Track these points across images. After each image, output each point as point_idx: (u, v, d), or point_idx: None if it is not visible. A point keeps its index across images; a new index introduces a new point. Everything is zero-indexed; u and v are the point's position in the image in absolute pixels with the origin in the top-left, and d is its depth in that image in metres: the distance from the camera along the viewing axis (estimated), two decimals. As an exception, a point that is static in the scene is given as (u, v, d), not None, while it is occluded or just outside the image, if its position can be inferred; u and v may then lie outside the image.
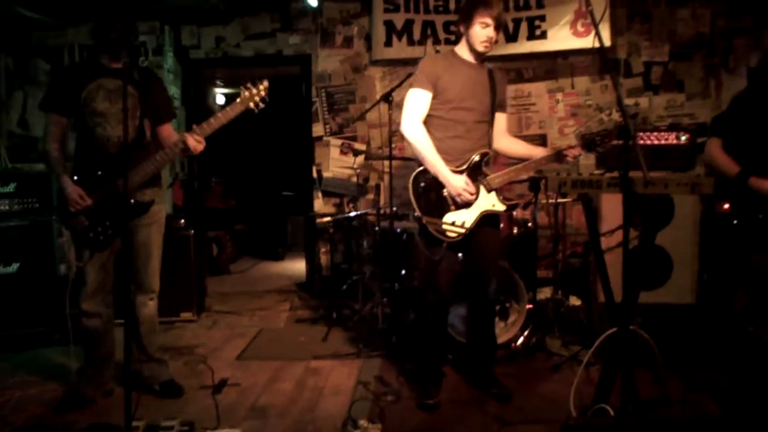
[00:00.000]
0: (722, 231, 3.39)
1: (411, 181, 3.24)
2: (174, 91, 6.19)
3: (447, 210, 3.22)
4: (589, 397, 2.80)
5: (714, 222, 3.65)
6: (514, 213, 4.48)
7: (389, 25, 5.71)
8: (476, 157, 3.25)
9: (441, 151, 3.21)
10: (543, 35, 5.58)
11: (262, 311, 5.43)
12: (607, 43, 5.52)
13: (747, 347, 3.15)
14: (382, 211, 4.72)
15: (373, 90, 5.91)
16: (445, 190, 3.20)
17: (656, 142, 4.39)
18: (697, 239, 4.02)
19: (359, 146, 5.77)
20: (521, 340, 4.13)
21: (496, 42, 3.27)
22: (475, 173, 3.25)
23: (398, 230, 4.53)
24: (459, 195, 3.17)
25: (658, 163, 4.24)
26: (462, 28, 3.28)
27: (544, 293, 4.83)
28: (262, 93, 3.22)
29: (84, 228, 3.18)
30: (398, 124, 3.31)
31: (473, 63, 3.31)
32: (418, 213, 3.18)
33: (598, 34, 2.56)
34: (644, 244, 2.76)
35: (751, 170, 3.23)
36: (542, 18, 5.57)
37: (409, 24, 5.69)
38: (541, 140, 5.73)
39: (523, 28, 5.60)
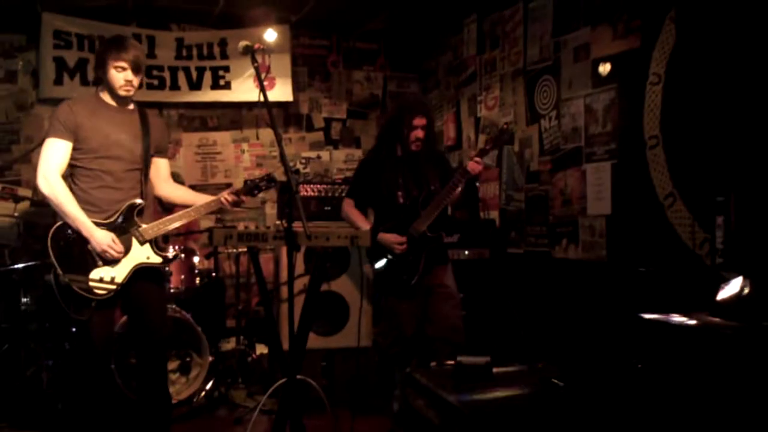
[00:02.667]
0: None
1: (50, 236, 2.92)
2: None
3: (94, 266, 2.95)
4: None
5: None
6: (197, 263, 4.40)
7: (60, 62, 5.27)
8: (126, 208, 3.05)
9: (87, 203, 2.98)
10: (227, 86, 5.66)
11: None
12: (290, 98, 5.81)
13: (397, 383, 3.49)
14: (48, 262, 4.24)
15: (41, 130, 5.35)
16: (90, 245, 2.96)
17: (332, 194, 4.68)
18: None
19: (24, 192, 5.16)
20: (203, 393, 4.02)
21: (141, 86, 3.15)
22: (127, 225, 3.05)
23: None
24: (104, 252, 2.94)
25: (334, 214, 4.50)
26: (100, 73, 3.08)
27: (232, 343, 4.79)
28: None
29: None
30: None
31: (119, 107, 3.13)
32: (59, 271, 2.89)
33: (263, 91, 2.68)
34: (311, 292, 2.89)
35: (380, 224, 3.59)
36: (226, 69, 5.65)
37: (83, 63, 5.31)
38: (226, 189, 5.72)
39: (207, 77, 5.62)
